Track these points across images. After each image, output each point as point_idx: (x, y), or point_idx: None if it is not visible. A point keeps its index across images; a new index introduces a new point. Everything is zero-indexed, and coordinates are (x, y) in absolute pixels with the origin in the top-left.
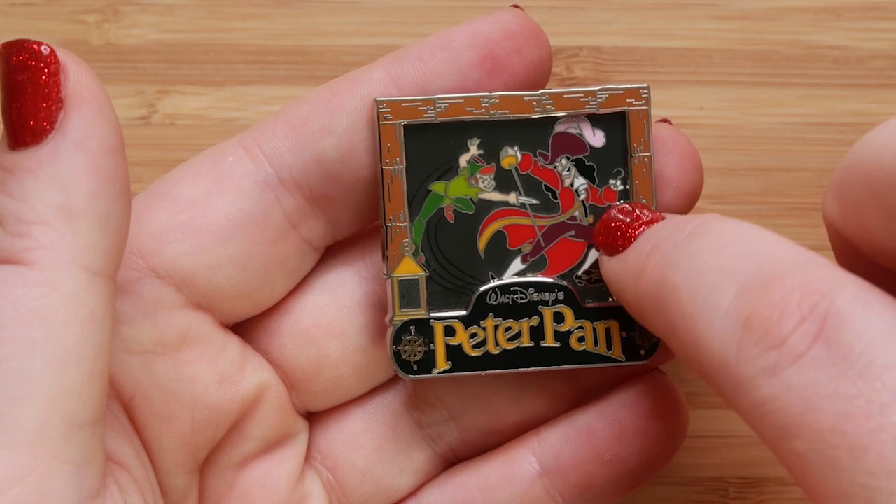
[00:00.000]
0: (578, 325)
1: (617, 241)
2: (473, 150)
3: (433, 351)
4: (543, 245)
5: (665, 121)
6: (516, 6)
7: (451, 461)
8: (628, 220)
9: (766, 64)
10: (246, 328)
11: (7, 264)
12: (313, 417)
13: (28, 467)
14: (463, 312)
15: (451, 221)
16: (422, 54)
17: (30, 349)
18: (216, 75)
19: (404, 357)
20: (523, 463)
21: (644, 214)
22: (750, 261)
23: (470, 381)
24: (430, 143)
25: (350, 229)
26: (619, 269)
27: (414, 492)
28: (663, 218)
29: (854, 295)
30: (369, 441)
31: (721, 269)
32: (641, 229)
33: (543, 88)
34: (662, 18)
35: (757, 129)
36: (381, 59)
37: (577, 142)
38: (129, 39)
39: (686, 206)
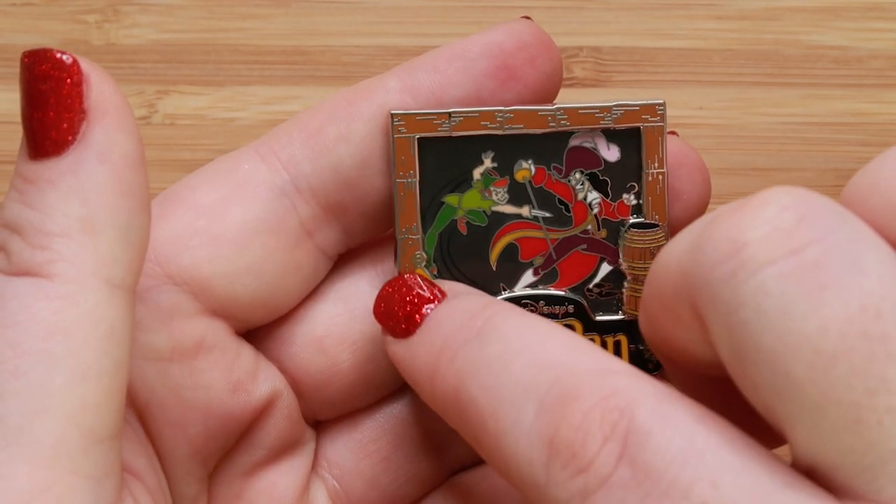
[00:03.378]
0: (588, 338)
1: (400, 324)
2: (487, 162)
3: None
4: (555, 258)
5: (673, 133)
6: (527, 17)
7: (458, 470)
8: (409, 299)
9: (766, 64)
10: (258, 336)
11: (28, 276)
12: (322, 426)
13: (47, 482)
14: None
15: (464, 233)
16: (437, 64)
17: (50, 363)
18: (216, 75)
19: None
20: None
21: (424, 291)
22: (545, 374)
23: None
24: (444, 155)
25: (363, 238)
26: (407, 357)
27: (419, 499)
28: (444, 296)
29: (653, 409)
30: (377, 450)
31: (517, 381)
32: (426, 310)
33: (555, 98)
34: (662, 18)
35: (757, 129)
36: (396, 68)
37: (592, 156)
38: (130, 39)
39: (694, 217)
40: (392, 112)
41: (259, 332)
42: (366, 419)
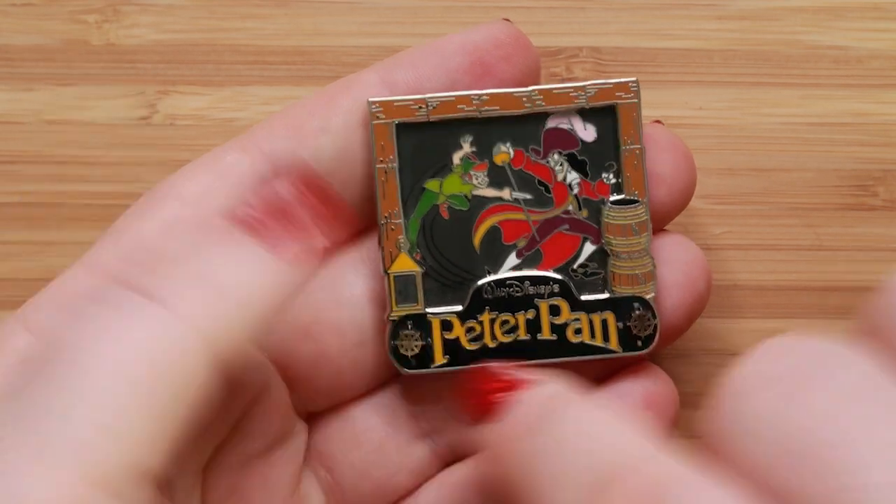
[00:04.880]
0: (574, 317)
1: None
2: (466, 147)
3: (431, 345)
4: (538, 239)
5: (657, 122)
6: (507, 20)
7: (450, 461)
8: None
9: (766, 64)
10: None
11: (142, 300)
12: (312, 418)
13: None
14: (460, 308)
15: (446, 218)
16: (413, 60)
17: (123, 384)
18: (216, 75)
19: (402, 351)
20: None
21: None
22: (596, 459)
23: None
24: (423, 141)
25: (347, 229)
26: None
27: (412, 491)
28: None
29: (686, 494)
30: (368, 441)
31: (568, 466)
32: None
33: None
34: (662, 18)
35: (757, 129)
36: (375, 64)
37: (569, 137)
38: (130, 39)
39: (680, 202)
40: (370, 99)
41: None
42: (356, 410)
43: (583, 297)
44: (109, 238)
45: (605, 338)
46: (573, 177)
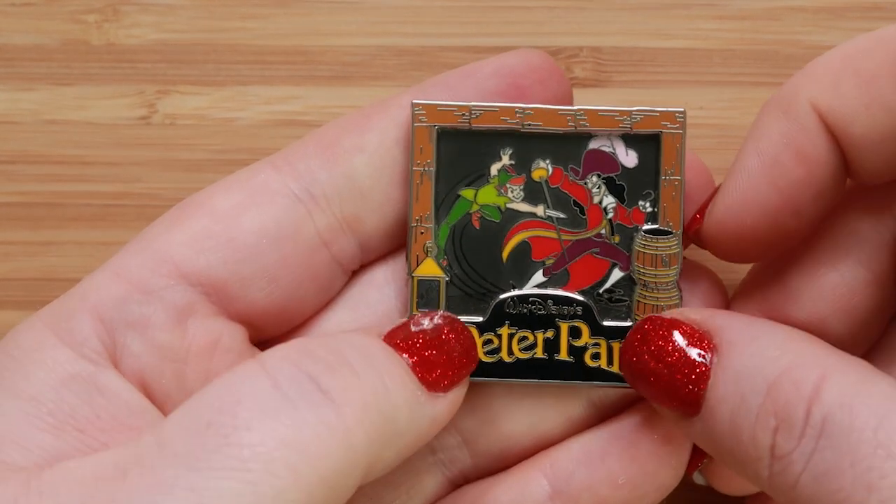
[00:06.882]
0: (594, 341)
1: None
2: (505, 159)
3: None
4: (567, 259)
5: None
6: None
7: (461, 484)
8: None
9: (766, 64)
10: (268, 343)
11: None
12: None
13: None
14: (480, 319)
15: (477, 228)
16: (449, 82)
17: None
18: (216, 75)
19: None
20: (534, 485)
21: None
22: None
23: (485, 404)
24: (462, 149)
25: (378, 253)
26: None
27: None
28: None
29: None
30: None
31: None
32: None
33: None
34: (662, 18)
35: None
36: (413, 87)
37: (610, 160)
38: (130, 39)
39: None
40: (413, 101)
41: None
42: None
43: (605, 323)
44: (137, 246)
45: None
46: (609, 201)
